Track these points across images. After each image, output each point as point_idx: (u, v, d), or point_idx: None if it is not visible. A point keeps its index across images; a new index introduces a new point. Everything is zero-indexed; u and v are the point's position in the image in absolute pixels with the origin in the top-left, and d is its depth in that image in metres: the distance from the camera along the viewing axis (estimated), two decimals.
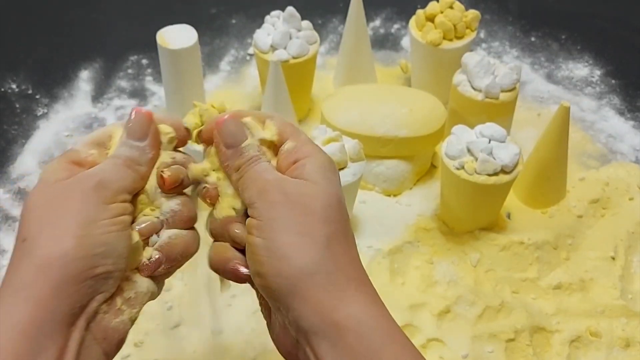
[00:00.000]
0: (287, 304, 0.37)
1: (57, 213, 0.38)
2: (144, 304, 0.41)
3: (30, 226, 0.38)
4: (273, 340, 0.41)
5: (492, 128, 0.65)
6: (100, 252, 0.37)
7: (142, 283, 0.41)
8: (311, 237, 0.37)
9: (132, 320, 0.40)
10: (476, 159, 0.64)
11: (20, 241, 0.38)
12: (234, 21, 0.99)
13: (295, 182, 0.39)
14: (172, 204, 0.42)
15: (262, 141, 0.42)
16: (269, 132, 0.43)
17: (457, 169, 0.64)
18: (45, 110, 0.85)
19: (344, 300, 0.37)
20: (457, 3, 0.80)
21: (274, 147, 0.43)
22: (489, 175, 0.63)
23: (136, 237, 0.40)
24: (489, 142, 0.64)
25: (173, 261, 0.42)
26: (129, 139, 0.41)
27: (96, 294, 0.37)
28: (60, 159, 0.40)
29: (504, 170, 0.64)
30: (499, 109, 0.72)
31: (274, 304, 0.39)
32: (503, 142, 0.64)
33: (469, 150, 0.65)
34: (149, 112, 0.42)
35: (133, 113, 0.42)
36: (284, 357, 0.40)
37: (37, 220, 0.38)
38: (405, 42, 0.96)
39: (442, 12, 0.79)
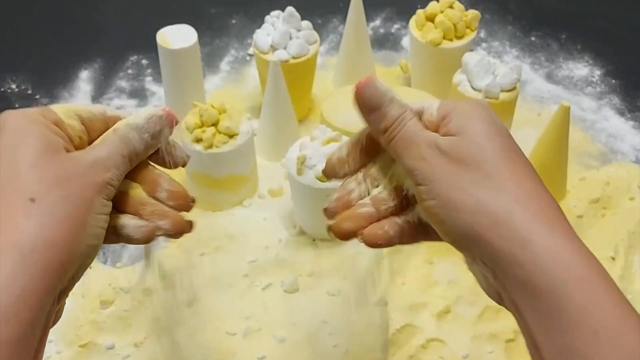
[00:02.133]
0: (480, 254, 0.37)
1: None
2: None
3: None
4: (483, 289, 0.40)
5: None
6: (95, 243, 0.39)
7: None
8: (481, 187, 0.37)
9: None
10: None
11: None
12: (234, 21, 0.99)
13: (449, 140, 0.39)
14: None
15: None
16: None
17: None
18: None
19: (533, 244, 0.36)
20: (457, 3, 0.80)
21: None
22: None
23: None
24: None
25: None
26: (145, 134, 0.42)
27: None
28: (35, 112, 0.40)
29: None
30: (499, 108, 0.72)
31: (469, 255, 0.39)
32: None
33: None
34: (172, 116, 0.43)
35: (161, 114, 0.43)
36: (496, 302, 0.40)
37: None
38: (405, 42, 0.96)
39: (442, 12, 0.79)
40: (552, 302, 0.34)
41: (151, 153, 0.43)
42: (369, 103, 0.43)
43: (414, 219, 0.43)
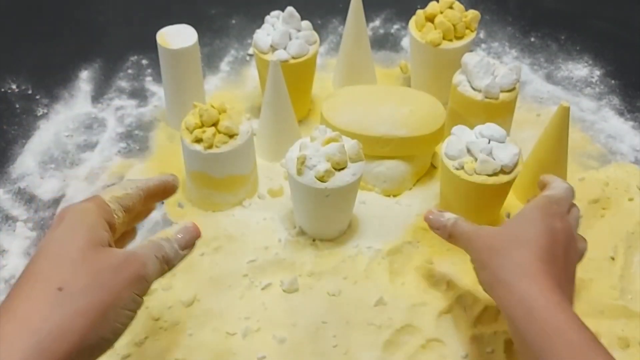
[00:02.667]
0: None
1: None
2: None
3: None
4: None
5: (491, 128, 0.65)
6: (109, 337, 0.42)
7: None
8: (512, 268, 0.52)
9: None
10: (476, 159, 0.64)
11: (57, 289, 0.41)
12: (234, 21, 0.99)
13: (487, 230, 0.57)
14: None
15: None
16: None
17: (457, 169, 0.65)
18: (45, 111, 0.85)
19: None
20: (457, 3, 0.80)
21: None
22: (489, 175, 0.64)
23: None
24: (489, 142, 0.65)
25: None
26: (175, 244, 0.49)
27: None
28: (92, 205, 0.46)
29: (503, 171, 0.64)
30: (498, 109, 0.72)
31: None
32: (503, 142, 0.65)
33: (468, 151, 0.65)
34: (198, 230, 0.51)
35: (189, 227, 0.51)
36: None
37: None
38: (405, 42, 0.96)
39: (441, 13, 0.79)
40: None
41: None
42: (434, 225, 0.62)
43: None
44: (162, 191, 0.53)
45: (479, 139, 0.65)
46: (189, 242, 0.50)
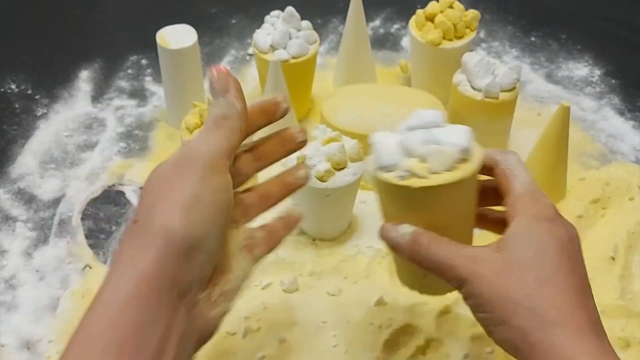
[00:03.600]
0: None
1: (166, 192, 0.40)
2: (237, 293, 0.44)
3: (141, 208, 0.40)
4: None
5: (422, 115, 0.47)
6: (200, 233, 0.39)
7: (239, 268, 0.43)
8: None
9: (225, 313, 0.43)
10: (423, 158, 0.45)
11: (132, 222, 0.40)
12: (234, 21, 0.99)
13: (487, 264, 0.44)
14: None
15: None
16: None
17: (404, 178, 0.45)
18: (45, 111, 0.85)
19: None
20: (457, 3, 0.80)
21: None
22: (449, 170, 0.45)
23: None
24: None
25: (276, 240, 0.47)
26: (213, 97, 0.44)
27: (194, 277, 0.39)
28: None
29: (464, 159, 0.45)
30: (498, 108, 0.72)
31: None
32: (442, 126, 0.47)
33: (407, 151, 0.46)
34: (224, 67, 0.45)
35: (212, 70, 0.44)
36: None
37: (149, 201, 0.40)
38: (405, 42, 0.96)
39: (442, 12, 0.79)
40: None
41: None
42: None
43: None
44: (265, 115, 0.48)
45: (412, 131, 0.47)
46: (225, 85, 0.44)
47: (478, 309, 0.43)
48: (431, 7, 0.79)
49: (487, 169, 0.47)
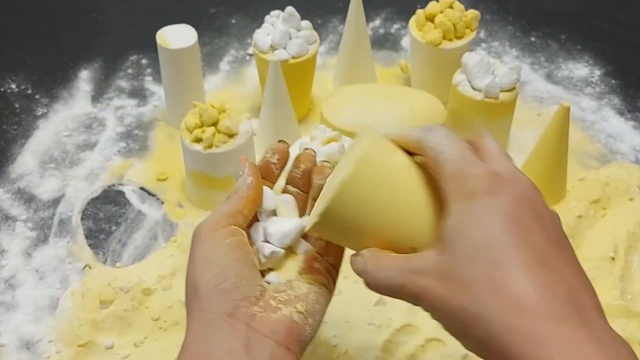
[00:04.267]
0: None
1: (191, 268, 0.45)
2: (309, 299, 0.44)
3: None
4: None
5: (320, 130, 0.55)
6: (219, 272, 0.43)
7: (298, 285, 0.45)
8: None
9: (300, 312, 0.43)
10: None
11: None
12: (234, 21, 0.99)
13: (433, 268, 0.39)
14: None
15: None
16: None
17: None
18: (45, 110, 0.85)
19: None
20: (457, 3, 0.80)
21: None
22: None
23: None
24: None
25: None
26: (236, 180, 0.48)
27: (237, 300, 0.42)
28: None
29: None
30: (498, 108, 0.72)
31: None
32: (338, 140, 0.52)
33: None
34: (244, 157, 0.49)
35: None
36: None
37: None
38: (405, 42, 0.96)
39: (442, 12, 0.79)
40: None
41: None
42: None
43: None
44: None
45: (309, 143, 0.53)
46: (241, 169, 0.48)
47: (440, 323, 0.38)
48: (431, 7, 0.79)
49: (415, 150, 0.42)
